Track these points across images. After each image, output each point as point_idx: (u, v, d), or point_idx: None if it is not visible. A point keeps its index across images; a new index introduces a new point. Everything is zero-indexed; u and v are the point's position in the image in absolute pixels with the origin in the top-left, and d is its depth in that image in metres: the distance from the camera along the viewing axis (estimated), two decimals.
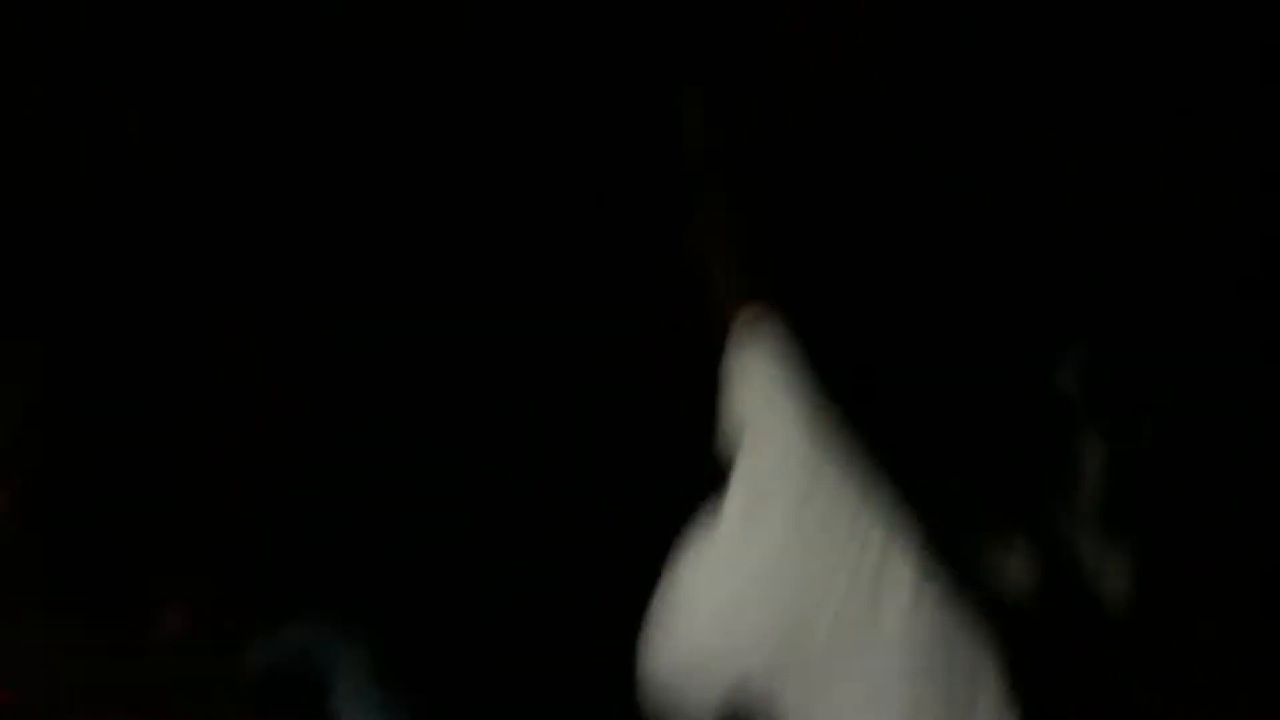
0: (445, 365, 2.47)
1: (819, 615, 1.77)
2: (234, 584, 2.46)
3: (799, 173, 2.46)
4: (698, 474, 2.38)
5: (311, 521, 2.46)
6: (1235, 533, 2.37)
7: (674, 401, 2.42)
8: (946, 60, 2.46)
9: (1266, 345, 2.40)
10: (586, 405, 2.48)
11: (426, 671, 2.42)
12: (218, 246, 2.49)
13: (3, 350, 2.44)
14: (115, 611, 2.41)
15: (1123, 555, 2.36)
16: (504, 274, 2.51)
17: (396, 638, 2.42)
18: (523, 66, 2.49)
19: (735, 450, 1.97)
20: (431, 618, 2.43)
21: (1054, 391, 2.40)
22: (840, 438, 1.94)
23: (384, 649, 2.40)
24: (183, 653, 2.40)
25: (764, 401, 1.99)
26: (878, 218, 2.46)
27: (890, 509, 1.89)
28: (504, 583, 2.44)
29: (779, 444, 1.94)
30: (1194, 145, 2.43)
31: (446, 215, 2.52)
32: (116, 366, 2.44)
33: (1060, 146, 2.44)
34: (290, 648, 2.39)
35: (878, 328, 2.42)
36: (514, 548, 2.45)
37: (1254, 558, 2.36)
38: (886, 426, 2.06)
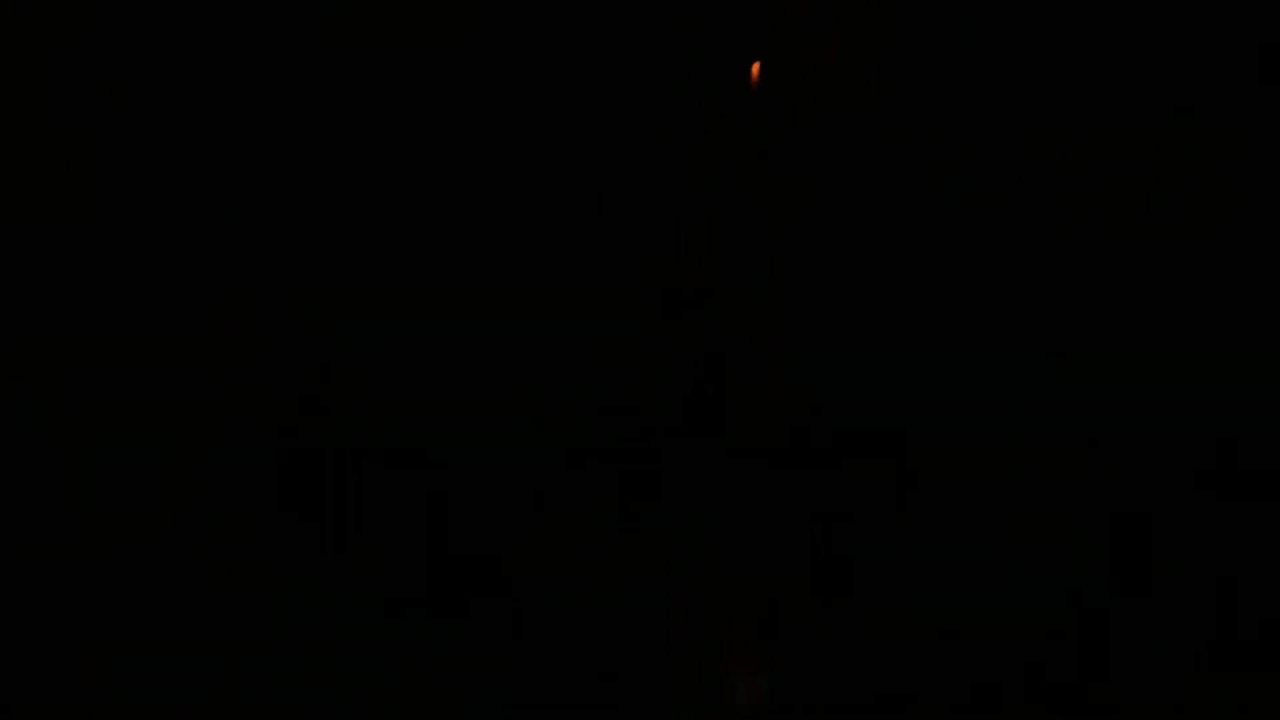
0: (444, 365, 2.47)
1: None
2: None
3: (799, 172, 2.46)
4: (690, 478, 2.39)
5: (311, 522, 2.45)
6: (1230, 534, 2.37)
7: (669, 401, 2.42)
8: (946, 60, 2.45)
9: (1266, 346, 2.40)
10: (585, 405, 2.48)
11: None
12: (218, 246, 2.49)
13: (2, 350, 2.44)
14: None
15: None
16: (503, 274, 2.50)
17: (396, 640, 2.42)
18: (523, 66, 2.49)
19: None
20: (428, 618, 2.42)
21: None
22: None
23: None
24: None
25: None
26: (878, 217, 2.45)
27: None
28: (499, 584, 2.44)
29: None
30: (1194, 145, 2.43)
31: (446, 215, 2.51)
32: (116, 366, 2.44)
33: (1060, 146, 2.44)
34: None
35: (878, 325, 2.42)
36: (511, 548, 2.45)
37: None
38: None
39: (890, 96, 2.46)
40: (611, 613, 2.39)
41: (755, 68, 2.27)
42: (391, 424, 2.47)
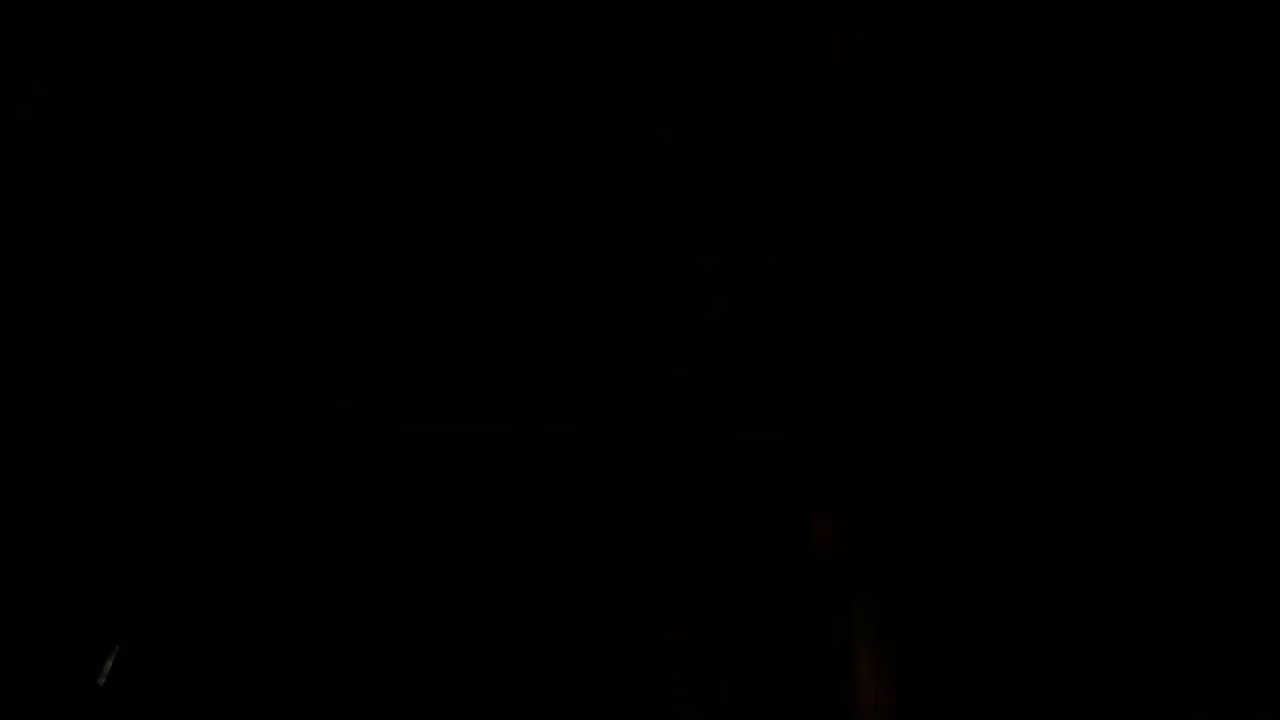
0: (444, 365, 2.47)
1: None
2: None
3: (799, 172, 2.46)
4: (689, 477, 2.39)
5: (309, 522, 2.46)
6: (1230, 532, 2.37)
7: (669, 400, 2.42)
8: (946, 60, 2.46)
9: (1266, 346, 2.40)
10: (585, 405, 2.48)
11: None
12: (218, 246, 2.49)
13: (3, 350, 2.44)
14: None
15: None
16: (504, 274, 2.51)
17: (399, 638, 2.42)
18: (522, 66, 2.49)
19: None
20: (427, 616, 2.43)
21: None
22: None
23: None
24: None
25: None
26: (878, 217, 2.46)
27: None
28: (499, 584, 2.45)
29: None
30: (1194, 145, 2.43)
31: (446, 215, 2.52)
32: (116, 366, 2.44)
33: (1060, 146, 2.45)
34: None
35: (878, 325, 2.42)
36: (511, 548, 2.45)
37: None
38: None
39: (890, 96, 2.46)
40: (611, 613, 2.39)
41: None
42: (391, 424, 2.47)
